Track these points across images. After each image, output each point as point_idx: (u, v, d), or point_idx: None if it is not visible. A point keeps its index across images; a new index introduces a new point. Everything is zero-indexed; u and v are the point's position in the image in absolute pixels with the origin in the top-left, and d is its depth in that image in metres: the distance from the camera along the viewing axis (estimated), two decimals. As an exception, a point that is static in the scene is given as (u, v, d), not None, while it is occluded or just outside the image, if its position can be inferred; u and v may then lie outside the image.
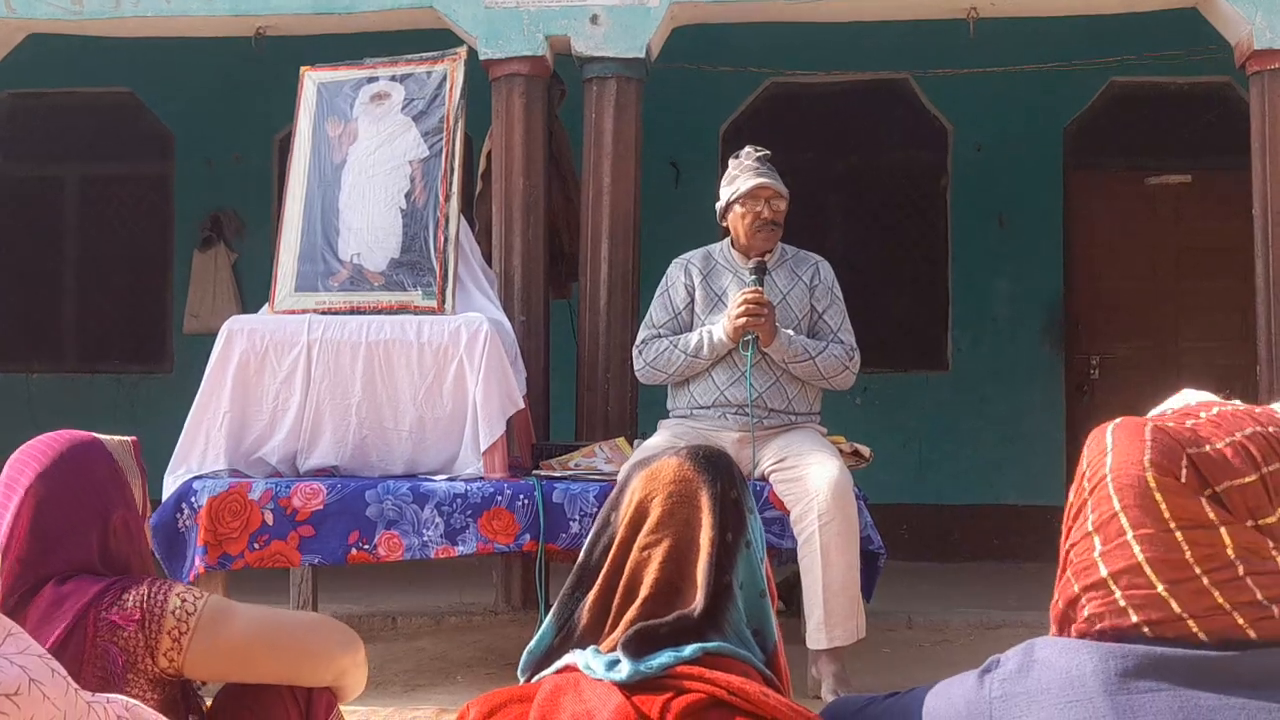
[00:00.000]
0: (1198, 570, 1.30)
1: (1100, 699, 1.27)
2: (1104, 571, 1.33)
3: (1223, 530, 1.31)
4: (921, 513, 7.68)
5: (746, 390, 4.68)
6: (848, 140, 8.40)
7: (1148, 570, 1.31)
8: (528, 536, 4.57)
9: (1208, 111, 8.03)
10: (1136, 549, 1.32)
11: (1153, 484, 1.33)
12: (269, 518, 4.55)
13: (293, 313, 5.06)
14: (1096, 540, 1.34)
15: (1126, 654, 1.28)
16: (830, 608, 4.38)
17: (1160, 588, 1.30)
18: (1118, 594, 1.33)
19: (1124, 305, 8.23)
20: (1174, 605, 1.30)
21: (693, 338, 4.76)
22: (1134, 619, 1.31)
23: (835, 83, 8.17)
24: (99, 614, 2.01)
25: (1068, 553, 1.38)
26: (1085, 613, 1.34)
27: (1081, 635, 1.34)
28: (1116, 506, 1.33)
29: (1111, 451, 1.36)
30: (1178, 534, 1.31)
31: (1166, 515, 1.32)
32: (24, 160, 8.59)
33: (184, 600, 2.04)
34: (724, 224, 4.90)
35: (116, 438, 2.26)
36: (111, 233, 8.77)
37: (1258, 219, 5.62)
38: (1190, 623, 1.29)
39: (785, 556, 4.67)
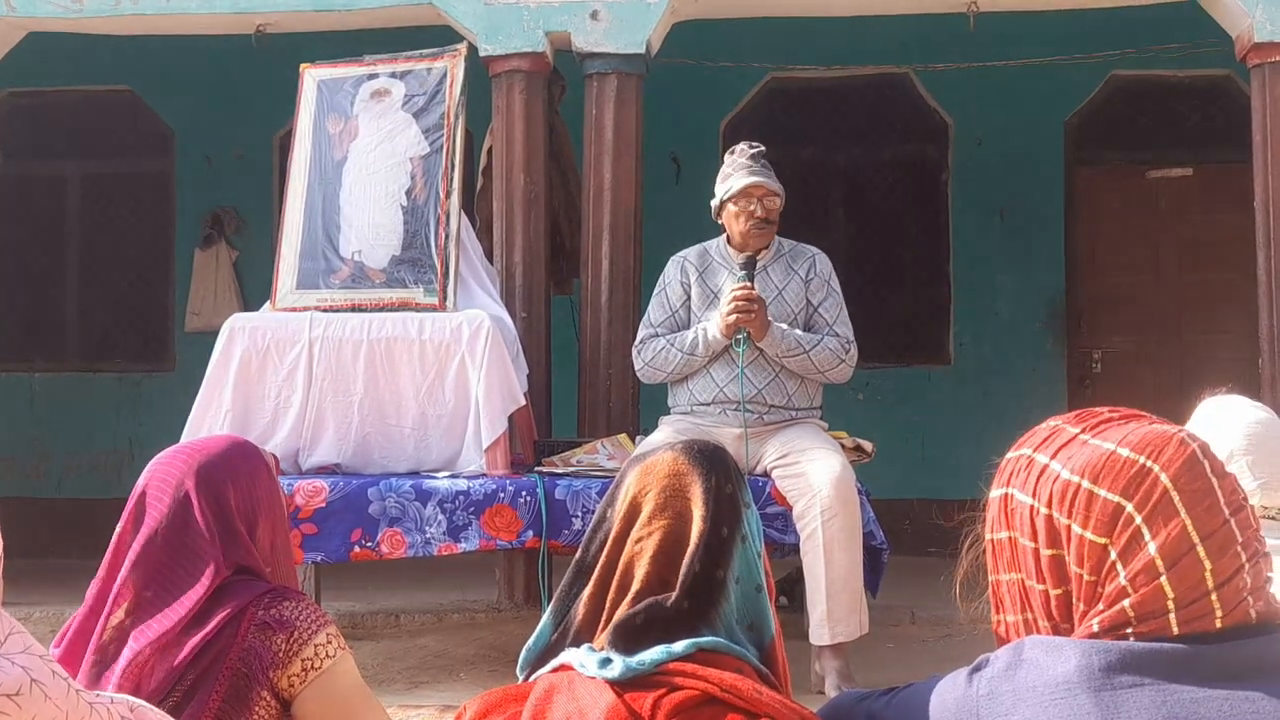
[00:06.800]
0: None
1: (1084, 695, 1.27)
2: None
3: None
4: (924, 507, 7.66)
5: (739, 386, 4.68)
6: (848, 135, 8.40)
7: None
8: (530, 533, 4.58)
9: (1209, 105, 8.02)
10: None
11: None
12: (271, 515, 4.55)
13: (294, 310, 5.06)
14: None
15: (1109, 650, 1.29)
16: (833, 603, 4.39)
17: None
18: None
19: (1125, 299, 8.21)
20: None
21: (688, 336, 4.76)
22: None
23: (836, 77, 8.17)
24: (256, 612, 2.03)
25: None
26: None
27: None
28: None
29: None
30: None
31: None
32: (24, 159, 8.58)
33: (328, 640, 2.06)
34: (719, 221, 4.90)
35: (266, 450, 2.27)
36: (112, 231, 8.76)
37: (1259, 212, 5.62)
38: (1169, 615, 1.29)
39: (787, 551, 4.67)
